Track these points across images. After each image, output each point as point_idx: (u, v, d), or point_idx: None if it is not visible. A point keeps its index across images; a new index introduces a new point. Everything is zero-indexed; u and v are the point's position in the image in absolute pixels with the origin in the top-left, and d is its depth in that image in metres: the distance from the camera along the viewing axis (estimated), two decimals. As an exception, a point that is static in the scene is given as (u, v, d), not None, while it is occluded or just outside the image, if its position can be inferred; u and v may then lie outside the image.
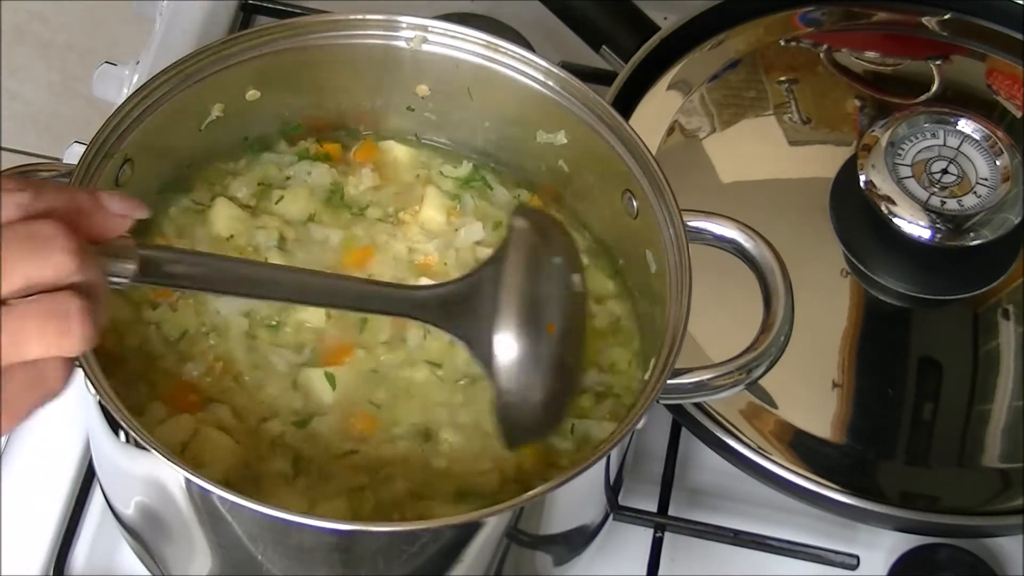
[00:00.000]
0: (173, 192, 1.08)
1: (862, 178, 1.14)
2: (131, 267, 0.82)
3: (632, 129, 1.03)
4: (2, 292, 0.74)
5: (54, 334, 0.75)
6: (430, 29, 1.06)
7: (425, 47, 1.06)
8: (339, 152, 1.12)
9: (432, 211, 1.09)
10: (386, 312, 0.96)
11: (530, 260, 0.94)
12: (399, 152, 1.13)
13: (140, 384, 1.00)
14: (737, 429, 1.10)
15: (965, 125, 1.16)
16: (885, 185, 1.13)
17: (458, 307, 0.93)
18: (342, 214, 1.09)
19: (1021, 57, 1.27)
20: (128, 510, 1.02)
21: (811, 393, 1.13)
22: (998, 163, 1.14)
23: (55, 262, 0.75)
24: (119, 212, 0.81)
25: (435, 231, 1.09)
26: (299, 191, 1.09)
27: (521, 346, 0.92)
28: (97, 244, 0.80)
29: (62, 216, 0.77)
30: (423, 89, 1.10)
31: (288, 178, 1.10)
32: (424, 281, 1.05)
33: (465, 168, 1.12)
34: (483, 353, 0.93)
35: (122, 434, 0.92)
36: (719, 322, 1.09)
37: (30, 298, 0.75)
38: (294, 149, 1.11)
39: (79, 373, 0.90)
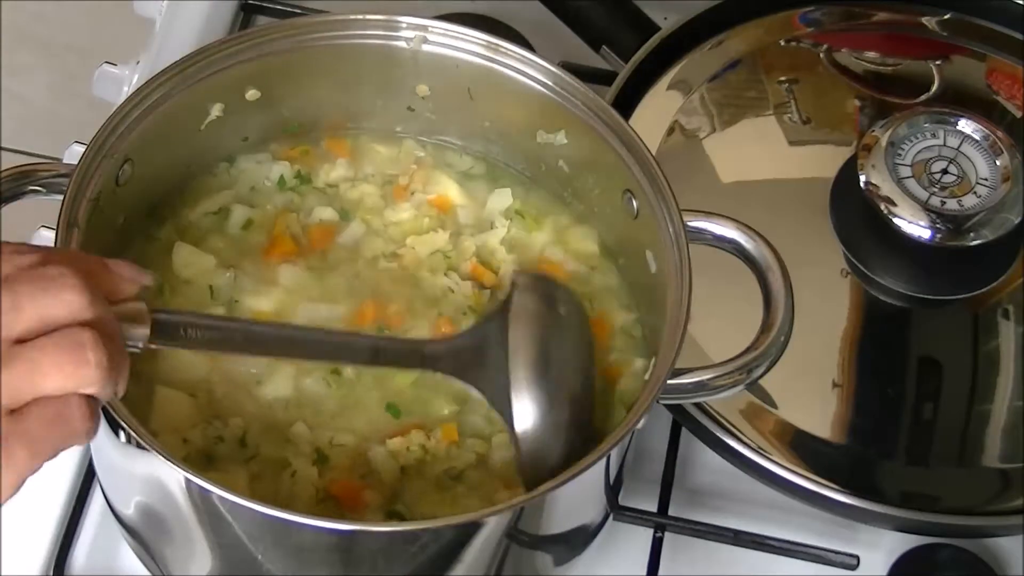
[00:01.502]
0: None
1: (862, 178, 1.14)
2: (144, 331, 0.83)
3: (632, 129, 1.03)
4: (18, 330, 0.74)
5: (70, 364, 0.75)
6: (430, 29, 1.06)
7: (425, 47, 1.06)
8: (298, 154, 1.12)
9: (446, 183, 1.11)
10: (399, 366, 0.98)
11: (538, 315, 0.97)
12: (379, 148, 1.13)
13: None
14: (737, 429, 1.10)
15: (965, 125, 1.16)
16: (885, 185, 1.13)
17: (470, 359, 0.96)
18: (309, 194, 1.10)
19: (1021, 57, 1.27)
20: (128, 510, 1.02)
21: (811, 393, 1.13)
22: (998, 163, 1.14)
23: (66, 299, 0.75)
24: (128, 277, 0.82)
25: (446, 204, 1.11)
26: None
27: (538, 403, 0.94)
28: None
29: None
30: (423, 89, 1.10)
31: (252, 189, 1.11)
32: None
33: (467, 162, 1.13)
34: (501, 405, 0.95)
35: (122, 434, 0.92)
36: (719, 322, 1.09)
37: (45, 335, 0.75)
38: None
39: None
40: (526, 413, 0.94)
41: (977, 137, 1.15)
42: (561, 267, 1.08)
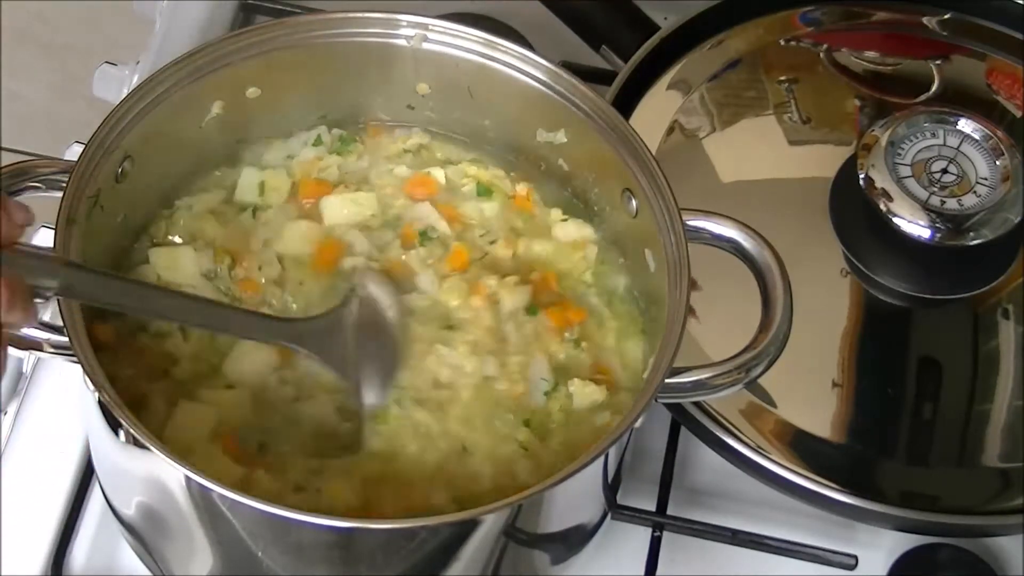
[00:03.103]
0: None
1: (862, 178, 1.14)
2: (53, 284, 0.87)
3: (632, 128, 1.03)
4: None
5: None
6: (430, 28, 1.06)
7: (425, 45, 1.06)
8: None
9: None
10: (269, 341, 1.01)
11: (380, 306, 1.04)
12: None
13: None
14: (737, 428, 1.10)
15: (965, 125, 1.16)
16: (885, 185, 1.13)
17: (328, 339, 1.01)
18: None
19: (1021, 57, 1.27)
20: (128, 509, 1.02)
21: (811, 393, 1.13)
22: (998, 163, 1.14)
23: None
24: (20, 223, 0.85)
25: None
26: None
27: (379, 377, 1.01)
28: (22, 258, 0.84)
29: None
30: (423, 87, 1.10)
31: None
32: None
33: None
34: (349, 379, 1.01)
35: (122, 433, 0.92)
36: (718, 321, 1.09)
37: None
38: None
39: (78, 370, 0.91)
40: (371, 386, 1.00)
41: (977, 137, 1.15)
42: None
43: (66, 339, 0.91)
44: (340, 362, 1.01)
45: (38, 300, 0.86)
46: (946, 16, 1.31)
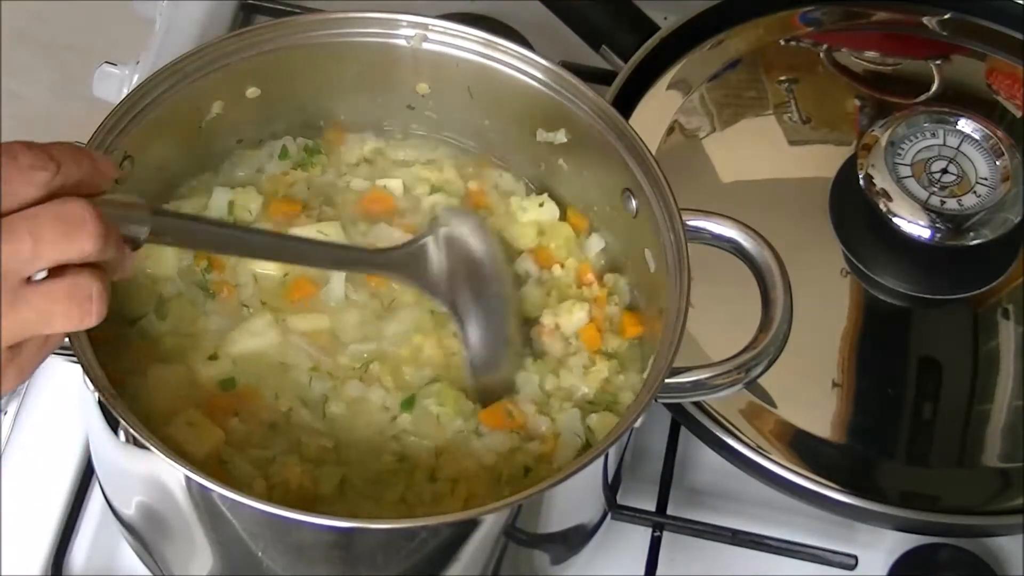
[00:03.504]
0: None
1: (862, 177, 1.14)
2: (144, 229, 0.86)
3: (632, 128, 1.03)
4: (32, 270, 0.78)
5: (77, 316, 0.80)
6: (430, 28, 1.06)
7: (425, 45, 1.06)
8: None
9: None
10: (366, 271, 1.04)
11: (465, 235, 1.06)
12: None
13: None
14: (736, 428, 1.10)
15: (965, 125, 1.16)
16: (885, 184, 1.13)
17: (420, 267, 1.04)
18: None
19: (1021, 57, 1.28)
20: (128, 509, 1.02)
21: (811, 393, 1.13)
22: (998, 163, 1.14)
23: (84, 248, 0.79)
24: (108, 174, 0.84)
25: None
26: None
27: (478, 300, 1.03)
28: (115, 207, 0.83)
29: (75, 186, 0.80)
30: (423, 87, 1.10)
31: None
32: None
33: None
34: (449, 303, 1.04)
35: (122, 433, 0.92)
36: (718, 321, 1.09)
37: (55, 279, 0.79)
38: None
39: (78, 370, 0.91)
40: (470, 313, 1.03)
41: (977, 137, 1.15)
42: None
43: (66, 339, 0.91)
44: (435, 288, 1.04)
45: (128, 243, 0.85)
46: (946, 16, 1.31)
